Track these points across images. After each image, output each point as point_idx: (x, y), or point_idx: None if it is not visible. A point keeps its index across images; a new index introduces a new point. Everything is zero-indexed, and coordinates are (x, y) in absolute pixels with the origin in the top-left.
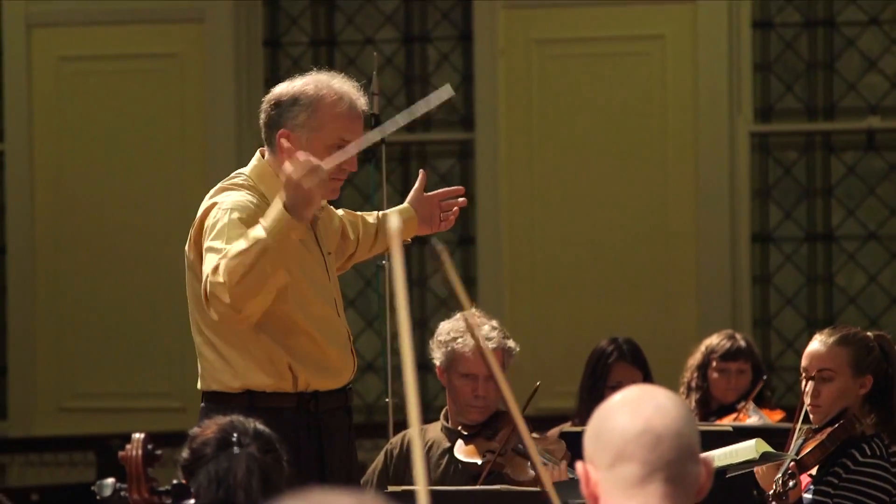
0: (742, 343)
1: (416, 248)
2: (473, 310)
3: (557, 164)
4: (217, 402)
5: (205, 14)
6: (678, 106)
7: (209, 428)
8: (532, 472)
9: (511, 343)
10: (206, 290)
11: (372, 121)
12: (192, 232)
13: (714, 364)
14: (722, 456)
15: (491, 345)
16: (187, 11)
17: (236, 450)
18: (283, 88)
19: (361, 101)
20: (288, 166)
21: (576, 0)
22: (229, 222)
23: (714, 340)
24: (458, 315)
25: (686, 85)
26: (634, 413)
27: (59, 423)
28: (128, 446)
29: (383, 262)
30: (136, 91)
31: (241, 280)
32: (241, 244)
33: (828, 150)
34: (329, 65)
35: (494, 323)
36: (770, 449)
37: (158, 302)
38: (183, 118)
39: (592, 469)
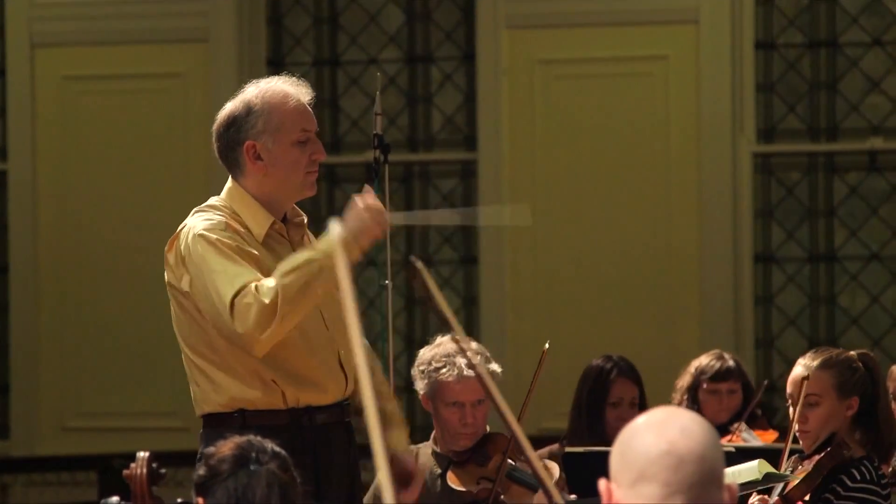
0: (731, 363)
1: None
2: (459, 334)
3: (560, 183)
4: (213, 424)
5: (208, 34)
6: (681, 126)
7: (226, 446)
8: (527, 500)
9: (494, 366)
10: (232, 309)
11: (375, 141)
12: (170, 257)
13: (704, 385)
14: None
15: (472, 372)
16: (191, 31)
17: (256, 467)
18: (230, 108)
19: (306, 92)
20: (358, 200)
21: (579, 21)
22: (219, 241)
23: (703, 361)
24: (448, 337)
25: (689, 105)
26: (659, 434)
27: (62, 442)
28: (132, 465)
29: (387, 281)
30: (140, 110)
31: (294, 298)
32: (288, 264)
33: (830, 170)
34: (332, 85)
35: (475, 346)
36: (773, 469)
37: (162, 320)
38: (186, 137)
39: (615, 487)
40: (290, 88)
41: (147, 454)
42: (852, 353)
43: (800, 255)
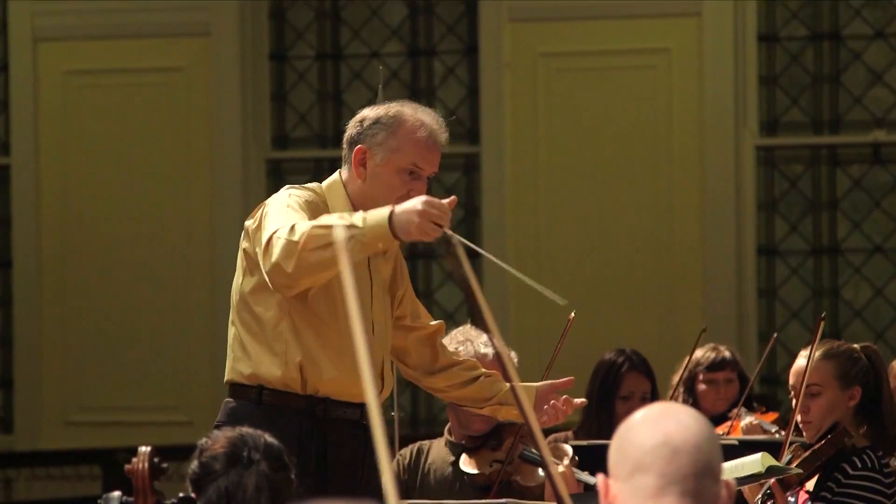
0: (727, 353)
1: (422, 262)
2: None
3: (563, 176)
4: (234, 395)
5: (211, 28)
6: (684, 119)
7: (218, 441)
8: (541, 476)
9: (512, 353)
10: (270, 242)
11: None
12: (250, 224)
13: (701, 376)
14: (728, 469)
15: (491, 351)
16: (193, 25)
17: (246, 466)
18: (368, 110)
19: (442, 135)
20: (424, 197)
21: (581, 13)
22: (293, 201)
23: (698, 353)
24: (466, 327)
25: (692, 98)
26: (655, 427)
27: (65, 436)
28: (134, 459)
29: None
30: (142, 105)
31: (313, 251)
32: (332, 218)
33: (833, 163)
34: (335, 78)
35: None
36: (776, 462)
37: (164, 315)
38: (189, 131)
39: (612, 481)
40: (430, 122)
41: (149, 448)
42: (855, 345)
43: (803, 248)
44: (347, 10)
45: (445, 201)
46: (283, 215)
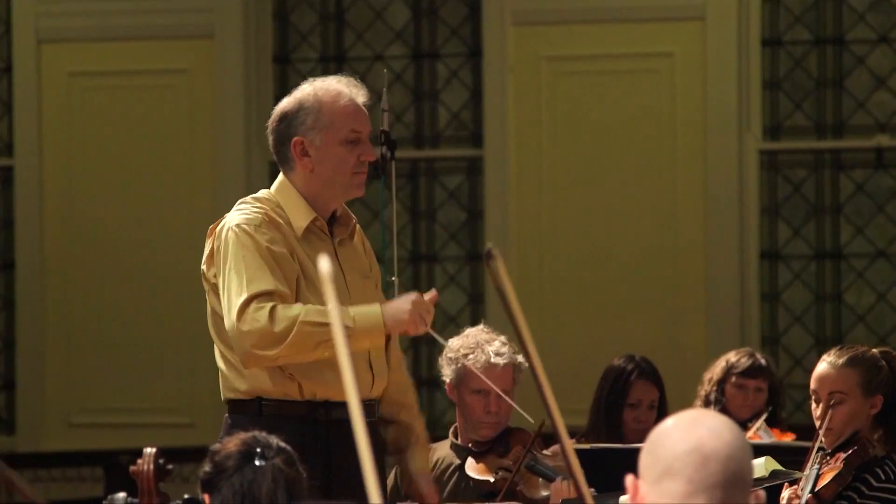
0: (762, 361)
1: (425, 265)
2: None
3: (566, 180)
4: (234, 410)
5: (214, 30)
6: (687, 123)
7: (231, 442)
8: (544, 493)
9: (521, 359)
10: (241, 313)
11: (381, 137)
12: (207, 246)
13: (733, 380)
14: None
15: (501, 360)
16: (197, 27)
17: (261, 462)
18: (284, 104)
19: (360, 93)
20: (412, 295)
21: (585, 17)
22: (249, 243)
23: (734, 357)
24: (477, 328)
25: (695, 102)
26: (687, 432)
27: (68, 438)
28: (139, 461)
29: (393, 278)
30: (146, 107)
31: (303, 347)
32: (323, 315)
33: (836, 167)
34: None
35: (503, 338)
36: (779, 467)
37: (167, 317)
38: (192, 134)
39: (642, 483)
40: (344, 88)
41: (154, 450)
42: (875, 350)
43: (806, 253)
44: (351, 12)
45: (427, 296)
46: (244, 272)
